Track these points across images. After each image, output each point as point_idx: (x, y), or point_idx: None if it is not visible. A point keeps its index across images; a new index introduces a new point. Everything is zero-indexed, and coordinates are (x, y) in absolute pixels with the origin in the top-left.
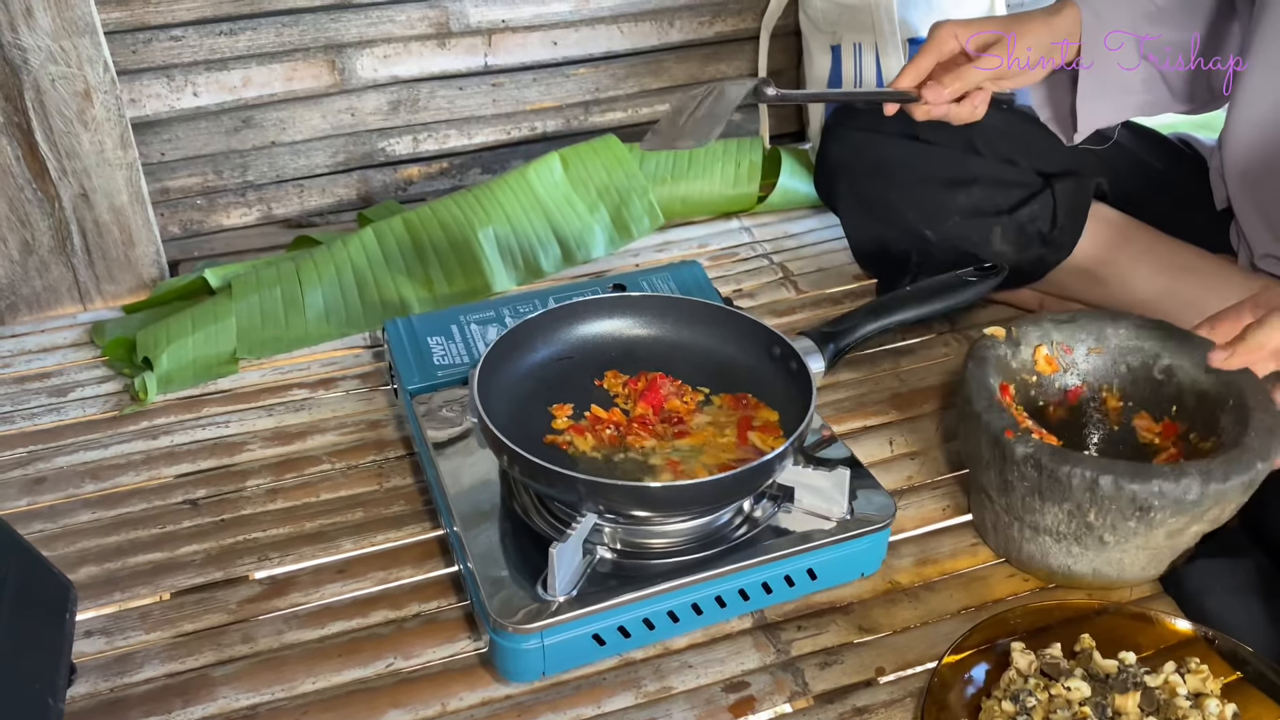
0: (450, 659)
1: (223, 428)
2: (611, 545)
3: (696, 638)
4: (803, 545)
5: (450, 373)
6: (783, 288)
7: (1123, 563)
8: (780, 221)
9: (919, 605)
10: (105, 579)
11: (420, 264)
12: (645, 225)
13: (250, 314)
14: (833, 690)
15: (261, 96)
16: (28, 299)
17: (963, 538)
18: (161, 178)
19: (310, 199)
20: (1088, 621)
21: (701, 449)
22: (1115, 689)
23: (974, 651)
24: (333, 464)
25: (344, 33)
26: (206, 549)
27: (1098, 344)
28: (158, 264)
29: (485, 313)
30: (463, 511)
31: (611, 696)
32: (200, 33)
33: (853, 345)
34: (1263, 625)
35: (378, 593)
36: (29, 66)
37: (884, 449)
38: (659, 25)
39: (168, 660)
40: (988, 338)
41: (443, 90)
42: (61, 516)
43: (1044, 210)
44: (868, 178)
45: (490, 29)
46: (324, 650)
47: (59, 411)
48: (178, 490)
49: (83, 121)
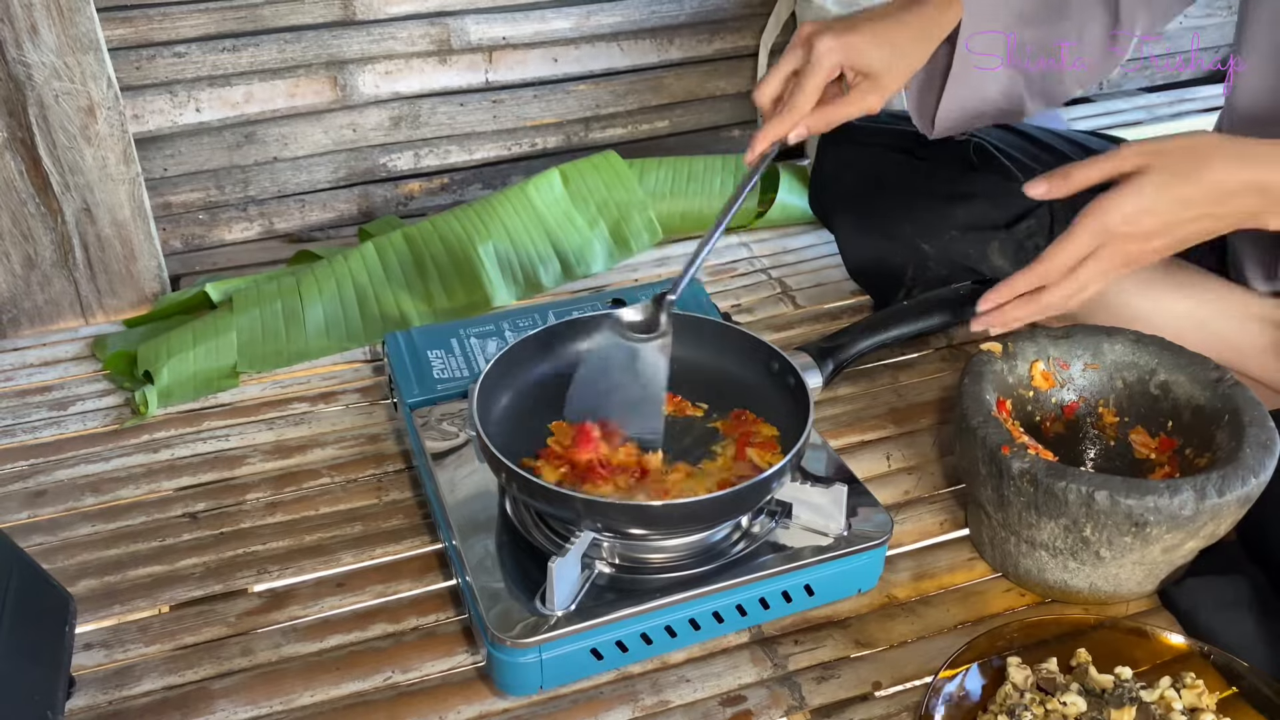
0: (448, 672)
1: (223, 441)
2: (610, 560)
3: (694, 652)
4: (800, 561)
5: (450, 386)
6: (780, 303)
7: (1119, 578)
8: (778, 237)
9: (916, 620)
10: (105, 592)
11: (420, 279)
12: (644, 241)
13: (251, 328)
14: (829, 704)
15: (264, 112)
16: (29, 313)
17: (959, 552)
18: (164, 192)
19: (311, 214)
20: (1084, 636)
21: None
22: (1111, 704)
23: (970, 666)
24: (332, 478)
25: (346, 49)
26: (206, 562)
27: (1094, 359)
28: (159, 278)
29: (485, 327)
30: (461, 525)
31: (609, 710)
32: (203, 49)
33: (851, 360)
34: (1258, 642)
35: (376, 606)
36: (33, 82)
37: (881, 464)
38: (659, 43)
39: (167, 673)
40: (984, 353)
41: (444, 106)
42: (61, 529)
43: (1041, 225)
44: (865, 191)
45: (491, 46)
46: (322, 663)
47: (60, 425)
48: (177, 503)
49: (86, 137)
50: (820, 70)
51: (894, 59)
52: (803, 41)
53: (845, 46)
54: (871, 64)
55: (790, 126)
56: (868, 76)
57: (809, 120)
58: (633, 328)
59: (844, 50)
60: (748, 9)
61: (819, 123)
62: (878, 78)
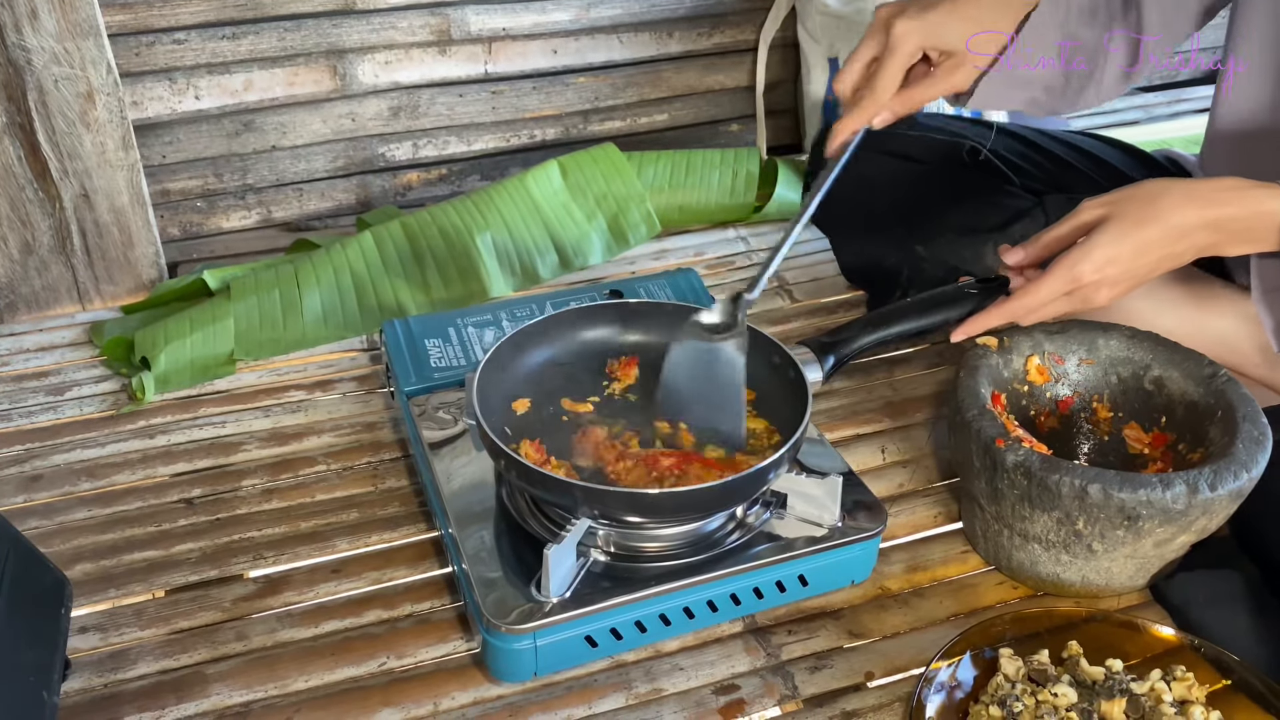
0: (443, 659)
1: (219, 428)
2: (605, 548)
3: (687, 640)
4: (794, 552)
5: (447, 375)
6: (778, 297)
7: (1111, 571)
8: (776, 231)
9: (909, 611)
10: (101, 576)
11: (418, 268)
12: (642, 233)
13: (248, 316)
14: (822, 694)
15: (263, 100)
16: (27, 298)
17: (953, 545)
18: (162, 180)
19: (310, 203)
20: (1075, 629)
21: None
22: (1102, 696)
23: (962, 657)
24: (328, 465)
25: (346, 38)
26: (202, 547)
27: (1089, 355)
28: (157, 265)
29: (483, 316)
30: (457, 513)
31: (602, 697)
32: (203, 36)
33: (852, 356)
34: (1249, 636)
35: (372, 593)
36: (32, 67)
37: (876, 456)
38: (658, 36)
39: (162, 657)
40: (980, 347)
41: (443, 97)
42: (58, 514)
43: (1036, 227)
44: (860, 193)
45: (491, 37)
46: (317, 649)
47: (56, 410)
48: (174, 489)
49: (85, 123)
50: (900, 54)
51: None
52: (881, 26)
53: (924, 26)
54: (953, 41)
55: (871, 115)
56: (951, 55)
57: (893, 104)
58: (710, 329)
59: (923, 30)
60: (748, 3)
61: (903, 106)
62: (961, 54)
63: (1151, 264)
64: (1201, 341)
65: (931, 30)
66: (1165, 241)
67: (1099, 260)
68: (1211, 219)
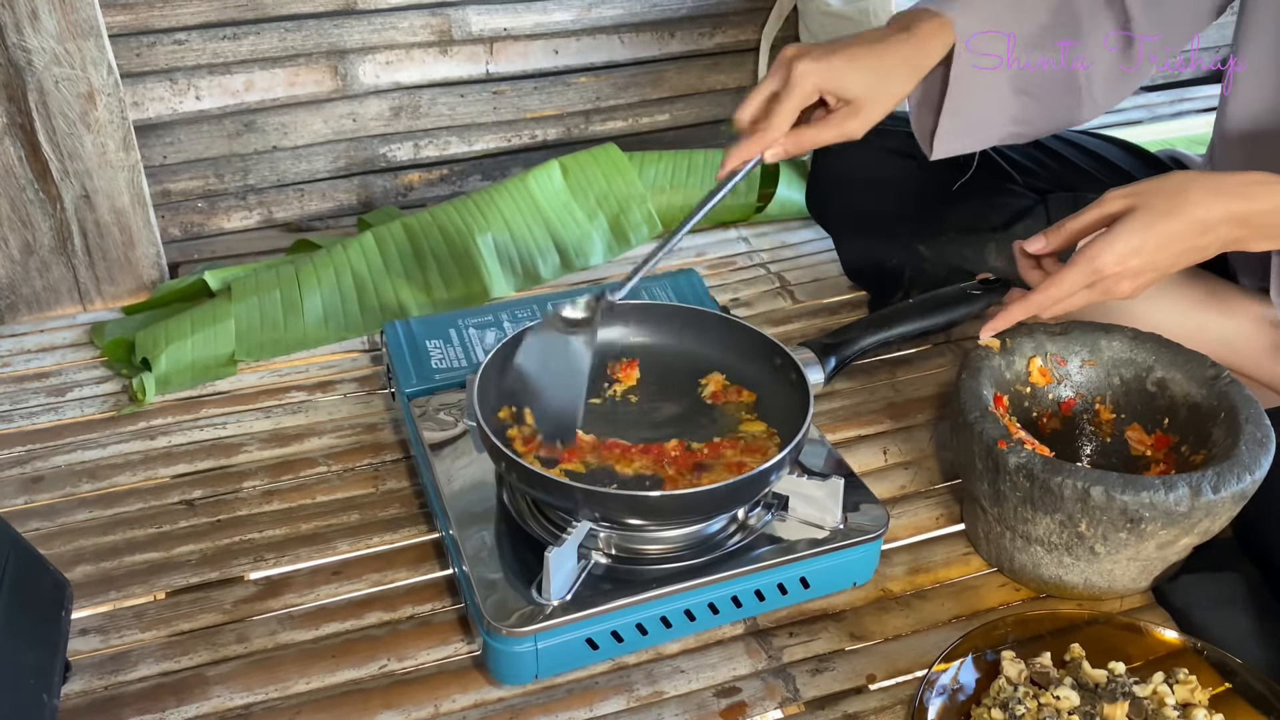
0: (444, 661)
1: (220, 429)
2: (606, 551)
3: (689, 643)
4: (796, 554)
5: (448, 376)
6: (779, 297)
7: (1113, 573)
8: (777, 231)
9: (911, 613)
10: (101, 578)
11: (419, 269)
12: (644, 233)
13: (249, 316)
14: (824, 697)
15: (264, 101)
16: (28, 299)
17: (955, 547)
18: (163, 180)
19: (310, 203)
20: (1078, 631)
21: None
22: (1104, 698)
23: (964, 660)
24: (329, 466)
25: (347, 39)
26: (202, 549)
27: (1091, 356)
28: (158, 266)
29: (484, 317)
30: (458, 514)
31: (604, 700)
32: (204, 37)
33: (854, 357)
34: (1252, 639)
35: (372, 594)
36: (33, 68)
37: (878, 458)
38: (659, 36)
39: (162, 659)
40: (982, 349)
41: (444, 97)
42: (58, 515)
43: (1038, 226)
44: (863, 193)
45: (492, 37)
46: (318, 651)
47: (57, 411)
48: (174, 491)
49: (85, 123)
50: (797, 93)
51: (876, 85)
52: (784, 64)
53: (824, 70)
54: (851, 89)
55: (761, 148)
56: (848, 102)
57: (785, 142)
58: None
59: (823, 74)
60: (749, 3)
61: (795, 145)
62: (858, 103)
63: (1175, 256)
64: (1204, 343)
65: (830, 75)
66: (1190, 234)
67: (1122, 251)
68: (1238, 213)
